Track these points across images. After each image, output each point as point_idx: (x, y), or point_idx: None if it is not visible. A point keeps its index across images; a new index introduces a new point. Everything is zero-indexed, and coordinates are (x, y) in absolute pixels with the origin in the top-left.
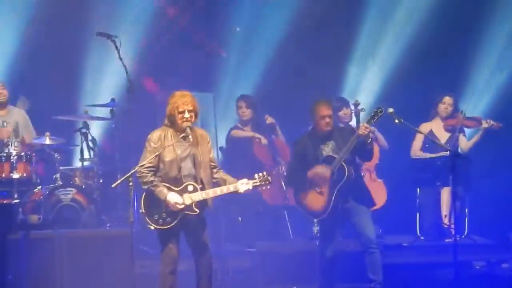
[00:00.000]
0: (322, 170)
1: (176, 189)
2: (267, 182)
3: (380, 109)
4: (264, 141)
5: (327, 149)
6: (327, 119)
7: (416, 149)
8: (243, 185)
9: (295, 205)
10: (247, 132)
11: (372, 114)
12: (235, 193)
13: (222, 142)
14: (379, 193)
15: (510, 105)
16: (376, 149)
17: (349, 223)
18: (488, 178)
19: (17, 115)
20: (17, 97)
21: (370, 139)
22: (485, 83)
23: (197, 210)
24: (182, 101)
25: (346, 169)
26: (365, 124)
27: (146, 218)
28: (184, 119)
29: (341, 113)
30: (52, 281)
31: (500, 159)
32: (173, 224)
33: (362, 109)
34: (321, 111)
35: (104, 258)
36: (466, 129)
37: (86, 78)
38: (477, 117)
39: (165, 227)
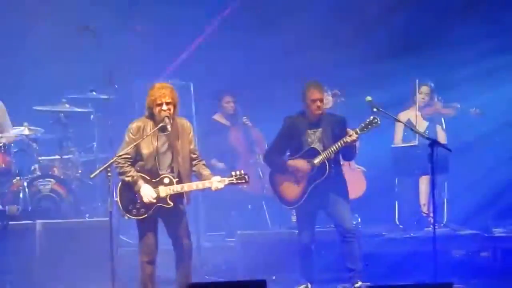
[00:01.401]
0: (302, 165)
1: (152, 180)
2: (244, 181)
3: (376, 120)
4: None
5: (313, 137)
6: (318, 103)
7: (399, 139)
8: (217, 183)
9: (270, 189)
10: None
11: (367, 122)
12: (208, 189)
13: (201, 131)
14: (358, 182)
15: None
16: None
17: (326, 213)
18: (467, 166)
19: None
20: None
21: (356, 142)
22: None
23: (171, 203)
24: (160, 93)
25: (327, 167)
26: (356, 134)
27: (120, 207)
28: (162, 112)
29: None
30: (31, 271)
31: (480, 147)
32: (146, 215)
33: (341, 100)
34: (312, 94)
35: (83, 248)
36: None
37: (65, 69)
38: (454, 105)
39: (139, 217)
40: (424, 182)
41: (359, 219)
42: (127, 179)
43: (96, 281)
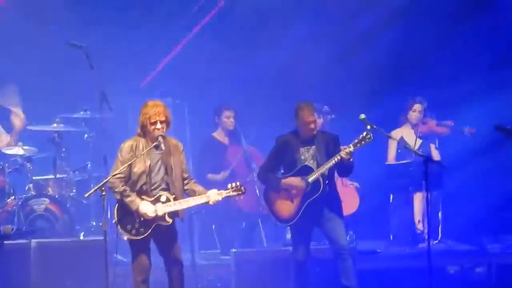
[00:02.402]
0: (297, 183)
1: (149, 199)
2: (240, 192)
3: (369, 136)
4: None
5: (307, 155)
6: (312, 125)
7: (392, 157)
8: (215, 196)
9: (264, 207)
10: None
11: (360, 138)
12: (206, 204)
13: (195, 150)
14: (351, 199)
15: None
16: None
17: (321, 230)
18: (461, 182)
19: None
20: None
21: (351, 159)
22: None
23: (170, 220)
24: (154, 112)
25: (321, 184)
26: (349, 149)
27: (119, 228)
28: (156, 130)
29: None
30: None
31: (474, 164)
32: (145, 234)
33: (331, 116)
34: (305, 116)
35: (78, 267)
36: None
37: (58, 88)
38: (448, 123)
39: (138, 237)
40: (418, 199)
41: (354, 235)
42: (124, 198)
43: None
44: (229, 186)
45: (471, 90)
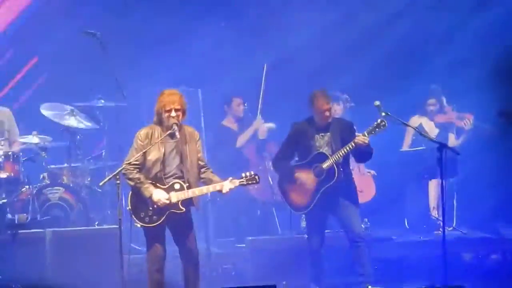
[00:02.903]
0: (307, 179)
1: (162, 187)
2: (254, 181)
3: (384, 122)
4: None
5: (322, 142)
6: (327, 113)
7: (407, 144)
8: (228, 184)
9: (279, 195)
10: (247, 134)
11: (375, 125)
12: (220, 192)
13: (210, 137)
14: (367, 187)
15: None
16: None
17: (335, 218)
18: (476, 169)
19: (2, 114)
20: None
21: (368, 145)
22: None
23: (183, 208)
24: (169, 100)
25: (336, 171)
26: (365, 136)
27: (133, 215)
28: (171, 118)
29: None
30: (41, 280)
31: (488, 151)
32: (159, 222)
33: (351, 105)
34: (320, 105)
35: (93, 256)
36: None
37: (74, 76)
38: (468, 115)
39: (151, 225)
40: (433, 186)
41: (369, 223)
42: (138, 185)
43: None
44: (243, 175)
45: (485, 77)
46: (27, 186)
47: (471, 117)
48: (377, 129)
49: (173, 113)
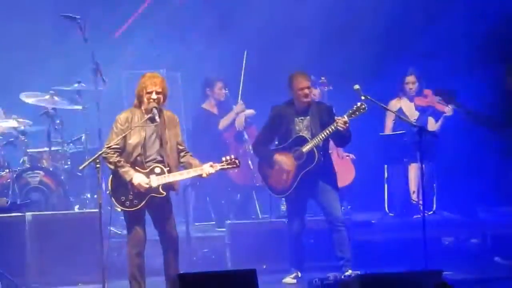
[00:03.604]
0: (287, 162)
1: (142, 171)
2: (235, 165)
3: (363, 106)
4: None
5: (301, 125)
6: (306, 91)
7: (388, 128)
8: (208, 168)
9: (260, 181)
10: (229, 117)
11: (355, 108)
12: (200, 176)
13: (189, 121)
14: (347, 170)
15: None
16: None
17: (315, 202)
18: (455, 153)
19: None
20: None
21: (347, 128)
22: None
23: (164, 192)
24: (151, 82)
25: (316, 155)
26: (344, 119)
27: (113, 199)
28: (151, 100)
29: None
30: (21, 264)
31: (469, 136)
32: (139, 206)
33: (329, 88)
34: (299, 83)
35: (73, 240)
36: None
37: (53, 60)
38: (449, 107)
39: (132, 209)
40: (413, 170)
41: (349, 207)
42: (118, 168)
43: (86, 273)
44: (223, 159)
45: (467, 62)
46: (7, 170)
47: (451, 109)
48: (357, 112)
49: (154, 95)
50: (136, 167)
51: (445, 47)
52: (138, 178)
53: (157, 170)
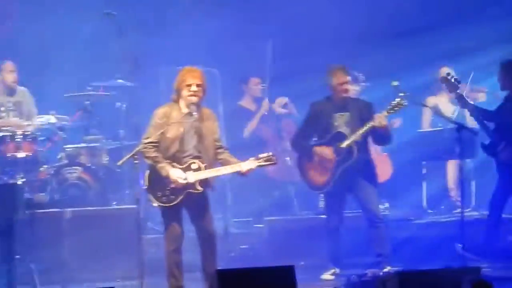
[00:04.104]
0: (328, 153)
1: (179, 166)
2: (272, 162)
3: (403, 101)
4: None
5: (340, 121)
6: (345, 85)
7: (426, 125)
8: (246, 164)
9: (298, 175)
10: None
11: (393, 105)
12: (238, 173)
13: (227, 119)
14: (384, 167)
15: None
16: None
17: (354, 198)
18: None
19: (21, 94)
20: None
21: (386, 126)
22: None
23: (201, 188)
24: (191, 75)
25: (354, 151)
26: (383, 117)
27: (150, 195)
28: (191, 93)
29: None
30: (59, 260)
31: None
32: (176, 202)
33: (366, 85)
34: (338, 78)
35: (111, 236)
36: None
37: (91, 56)
38: (482, 89)
39: (168, 204)
40: (451, 166)
41: (387, 204)
42: (155, 163)
43: (124, 269)
44: (260, 156)
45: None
46: (45, 166)
47: (485, 89)
48: (396, 108)
49: (194, 88)
50: (173, 163)
51: (479, 46)
52: (175, 174)
53: (194, 165)
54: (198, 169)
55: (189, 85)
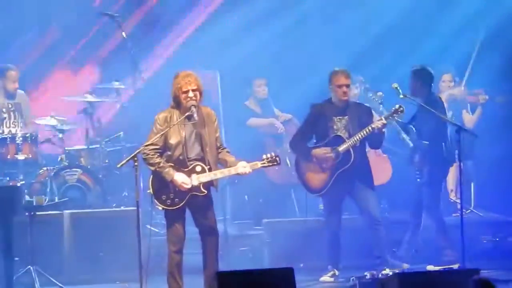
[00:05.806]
0: (326, 155)
1: (184, 169)
2: (275, 163)
3: (402, 108)
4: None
5: (339, 125)
6: (344, 88)
7: None
8: (249, 165)
9: (297, 177)
10: (264, 120)
11: (392, 110)
12: (241, 174)
13: (228, 120)
14: (384, 168)
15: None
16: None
17: (353, 201)
18: (494, 152)
19: (20, 96)
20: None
21: (383, 131)
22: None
23: (205, 191)
24: (185, 81)
25: (352, 155)
26: (383, 120)
27: (154, 199)
28: (188, 99)
29: None
30: (59, 262)
31: (507, 133)
32: (181, 204)
33: (366, 87)
34: (338, 80)
35: (111, 238)
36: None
37: (90, 59)
38: (478, 91)
39: (173, 207)
40: (451, 168)
41: (386, 205)
42: (159, 169)
43: (124, 270)
44: (264, 156)
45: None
46: (45, 168)
47: (484, 95)
48: (394, 114)
49: (190, 94)
50: (178, 167)
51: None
52: (179, 179)
53: (198, 168)
54: (202, 171)
55: (186, 92)
